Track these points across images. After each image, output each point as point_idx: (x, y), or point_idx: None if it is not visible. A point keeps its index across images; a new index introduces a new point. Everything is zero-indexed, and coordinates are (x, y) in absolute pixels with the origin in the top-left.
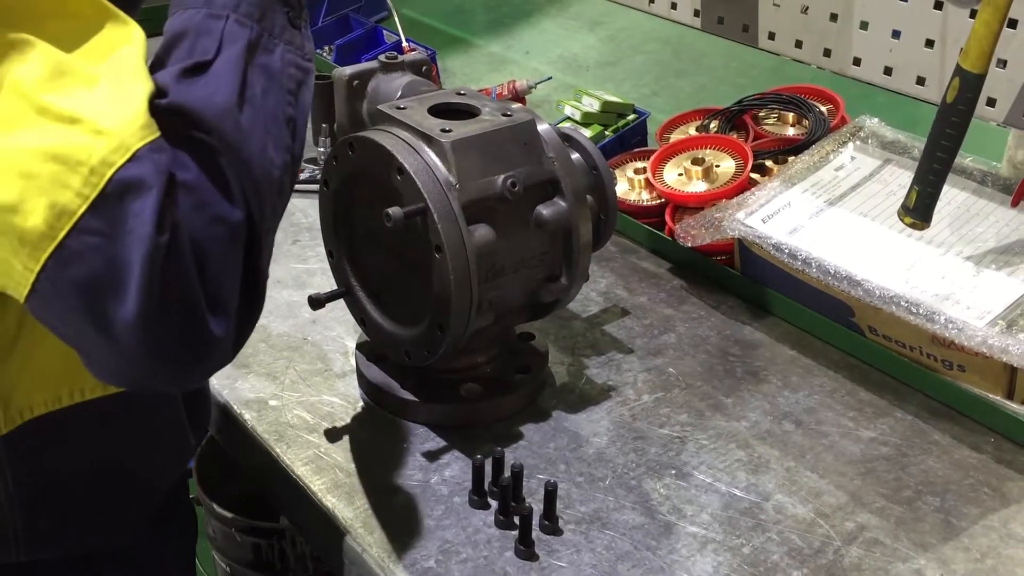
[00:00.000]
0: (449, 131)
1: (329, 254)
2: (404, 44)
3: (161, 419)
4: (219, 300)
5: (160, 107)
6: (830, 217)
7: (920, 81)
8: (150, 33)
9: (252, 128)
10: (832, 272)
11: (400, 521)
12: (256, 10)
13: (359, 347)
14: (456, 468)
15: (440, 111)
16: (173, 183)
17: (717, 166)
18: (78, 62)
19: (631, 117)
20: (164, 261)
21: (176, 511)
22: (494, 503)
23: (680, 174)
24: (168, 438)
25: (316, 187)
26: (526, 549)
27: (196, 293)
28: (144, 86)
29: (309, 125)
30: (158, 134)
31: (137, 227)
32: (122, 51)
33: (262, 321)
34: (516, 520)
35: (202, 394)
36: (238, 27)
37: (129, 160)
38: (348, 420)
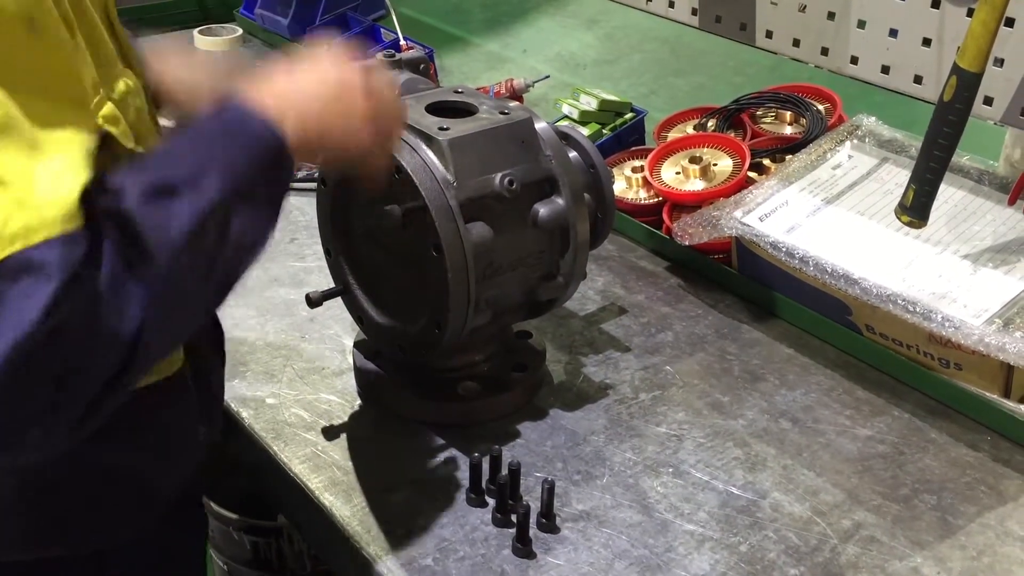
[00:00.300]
0: (447, 129)
1: (326, 252)
2: (402, 42)
3: (171, 419)
4: (65, 403)
5: (111, 208)
6: (827, 216)
7: (917, 80)
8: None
9: (184, 275)
10: (829, 270)
11: (398, 519)
12: (244, 177)
13: (356, 345)
14: (454, 466)
15: (437, 109)
16: (79, 279)
17: (715, 164)
18: (30, 127)
19: (629, 116)
20: (37, 349)
21: (187, 507)
22: (492, 501)
23: (678, 172)
24: (178, 438)
25: (314, 185)
26: (523, 547)
27: (48, 390)
28: (81, 177)
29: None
30: (80, 225)
31: (22, 308)
32: (78, 135)
33: (259, 320)
34: (513, 518)
35: (215, 392)
36: (219, 178)
37: (41, 243)
38: (345, 418)
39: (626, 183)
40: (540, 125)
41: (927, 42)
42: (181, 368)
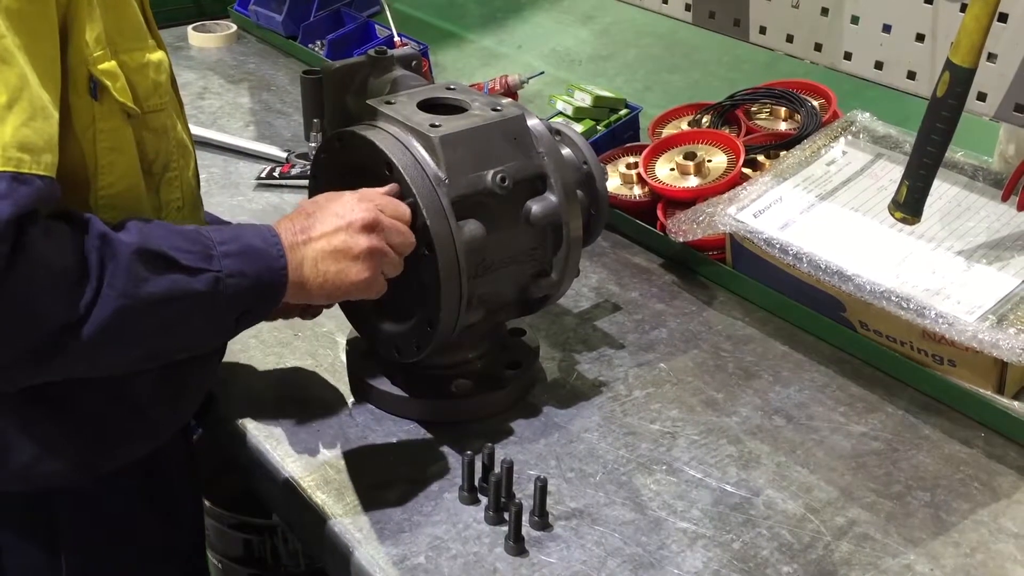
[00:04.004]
0: (438, 126)
1: None
2: (396, 39)
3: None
4: None
5: (103, 231)
6: (821, 212)
7: (911, 75)
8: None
9: (127, 323)
10: (823, 267)
11: (390, 517)
12: (236, 294)
13: (349, 343)
14: (446, 464)
15: (429, 106)
16: (32, 221)
17: (709, 161)
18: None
19: (623, 112)
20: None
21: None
22: (484, 499)
23: (672, 169)
24: (119, 415)
25: (307, 182)
26: (516, 545)
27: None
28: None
29: (300, 120)
30: (30, 172)
31: None
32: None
33: None
34: (506, 516)
35: (184, 387)
36: (214, 280)
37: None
38: (338, 416)
39: (621, 180)
40: (532, 122)
41: (920, 37)
42: None
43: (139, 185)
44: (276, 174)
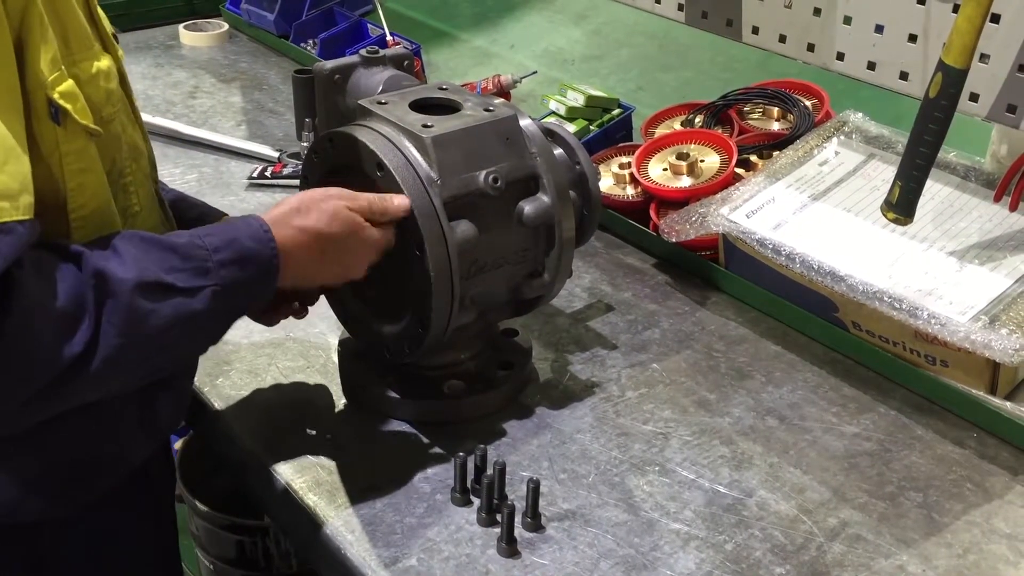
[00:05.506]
0: (430, 126)
1: None
2: (388, 38)
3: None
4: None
5: (98, 268)
6: (814, 212)
7: (903, 76)
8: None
9: (134, 350)
10: (816, 267)
11: (382, 519)
12: (231, 305)
13: (341, 344)
14: (439, 465)
15: (421, 106)
16: (21, 268)
17: (702, 161)
18: None
19: (616, 112)
20: None
21: (135, 490)
22: (477, 500)
23: (665, 169)
24: (107, 428)
25: (297, 182)
26: (509, 547)
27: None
28: None
29: (292, 119)
30: (5, 219)
31: None
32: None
33: (244, 319)
34: (499, 518)
35: (167, 397)
36: (214, 298)
37: None
38: (330, 417)
39: (613, 180)
40: (525, 122)
41: (913, 38)
42: None
43: (109, 201)
44: (268, 174)
